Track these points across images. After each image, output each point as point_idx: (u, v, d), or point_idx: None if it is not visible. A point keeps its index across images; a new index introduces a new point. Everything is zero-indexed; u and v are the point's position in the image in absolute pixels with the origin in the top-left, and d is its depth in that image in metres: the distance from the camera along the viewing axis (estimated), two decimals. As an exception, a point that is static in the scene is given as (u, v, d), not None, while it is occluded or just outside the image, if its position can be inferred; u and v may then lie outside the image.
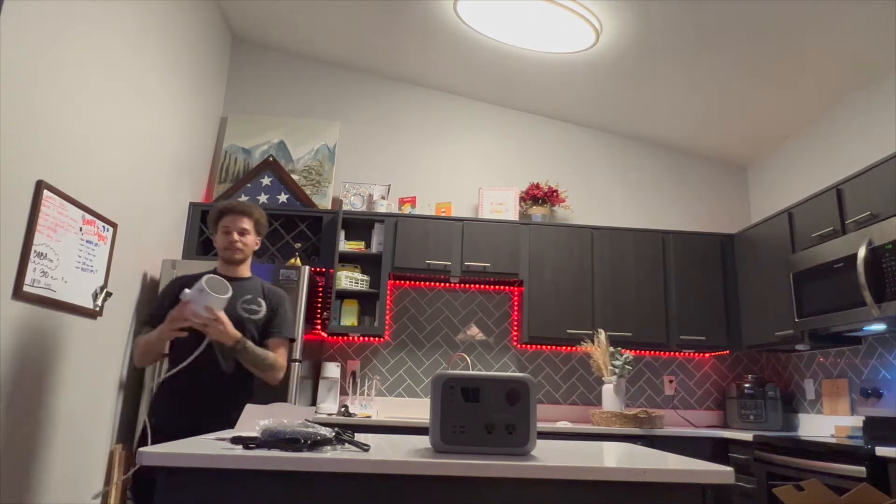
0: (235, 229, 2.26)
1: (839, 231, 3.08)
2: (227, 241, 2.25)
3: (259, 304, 2.26)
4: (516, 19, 3.55)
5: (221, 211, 2.29)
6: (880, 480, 2.35)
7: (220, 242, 2.27)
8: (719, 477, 1.31)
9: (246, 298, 2.24)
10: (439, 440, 1.44)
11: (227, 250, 2.26)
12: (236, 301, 2.17)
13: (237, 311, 2.18)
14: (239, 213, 2.28)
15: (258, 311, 2.25)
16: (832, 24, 3.09)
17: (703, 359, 4.28)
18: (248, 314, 2.22)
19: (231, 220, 2.27)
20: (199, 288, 1.97)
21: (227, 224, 2.27)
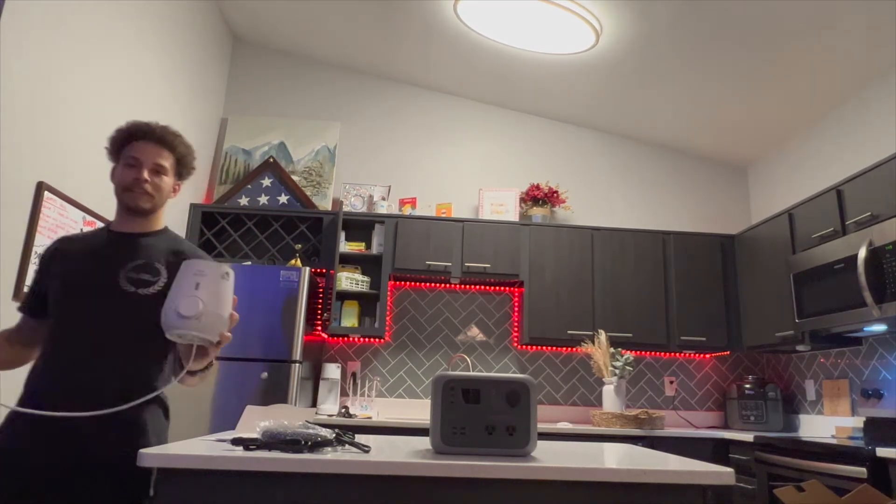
0: (147, 164, 1.56)
1: (839, 232, 3.07)
2: (132, 177, 1.54)
3: (155, 272, 1.53)
4: (516, 20, 3.55)
5: (130, 134, 1.59)
6: (881, 481, 2.35)
7: (121, 178, 1.56)
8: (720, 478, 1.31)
9: (137, 264, 1.53)
10: (440, 441, 1.44)
11: (129, 192, 1.55)
12: (119, 267, 1.51)
13: (118, 282, 1.49)
14: (156, 141, 1.60)
15: (152, 281, 1.52)
16: (832, 25, 3.09)
17: (704, 359, 4.28)
18: (133, 286, 1.49)
19: (142, 150, 1.57)
20: (213, 276, 1.27)
21: (135, 154, 1.56)
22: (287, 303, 3.33)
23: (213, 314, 1.22)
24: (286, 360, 3.27)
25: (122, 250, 1.56)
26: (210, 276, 1.23)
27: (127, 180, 1.55)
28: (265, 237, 4.03)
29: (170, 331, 1.21)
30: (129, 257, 1.55)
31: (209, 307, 1.21)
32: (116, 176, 1.59)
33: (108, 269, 1.52)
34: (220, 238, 4.04)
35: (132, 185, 1.55)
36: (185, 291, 1.21)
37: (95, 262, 1.53)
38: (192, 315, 1.18)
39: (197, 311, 1.19)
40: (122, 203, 1.58)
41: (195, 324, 1.19)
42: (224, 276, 1.26)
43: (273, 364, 3.25)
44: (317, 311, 3.78)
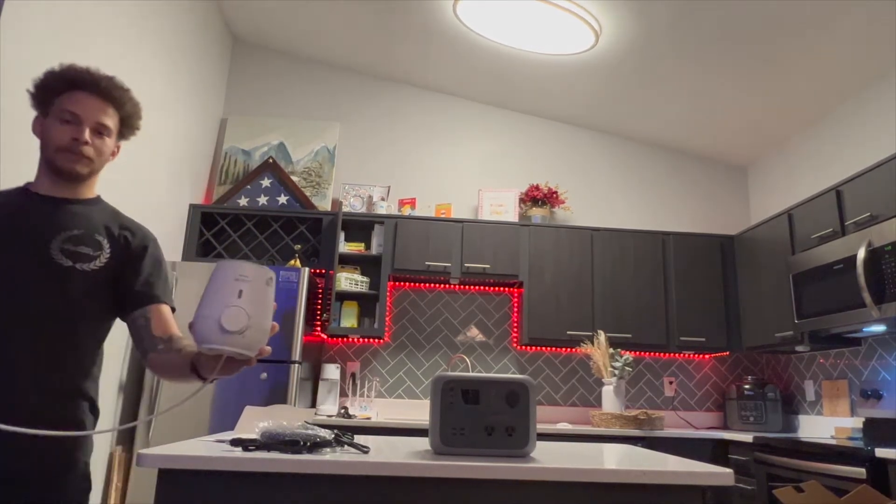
0: (89, 122, 1.32)
1: (839, 232, 3.08)
2: (69, 137, 1.31)
3: (96, 246, 1.33)
4: (516, 21, 3.55)
5: (68, 81, 1.34)
6: (880, 482, 2.35)
7: (54, 136, 1.31)
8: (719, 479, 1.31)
9: (72, 235, 1.31)
10: (439, 442, 1.44)
11: (65, 153, 1.31)
12: (51, 237, 1.29)
13: (49, 253, 1.27)
14: (100, 94, 1.35)
15: (93, 255, 1.32)
16: (832, 25, 3.09)
17: (703, 360, 4.28)
18: (69, 259, 1.28)
19: (84, 105, 1.32)
20: (259, 282, 1.06)
21: (74, 109, 1.31)
22: (286, 303, 3.33)
23: (258, 328, 1.03)
24: (285, 360, 3.27)
25: (53, 217, 1.31)
26: (254, 282, 1.04)
27: (62, 140, 1.30)
28: (264, 238, 4.03)
29: (205, 344, 1.02)
30: (62, 226, 1.31)
31: (254, 319, 1.02)
32: (46, 131, 1.32)
33: (35, 237, 1.28)
34: (220, 239, 4.04)
35: (69, 145, 1.30)
36: (226, 299, 1.01)
37: (18, 229, 1.28)
38: (236, 330, 1.00)
39: (242, 326, 1.00)
40: (53, 165, 1.32)
41: (238, 340, 1.01)
42: (269, 281, 1.08)
43: (272, 365, 3.25)
44: (316, 311, 3.78)
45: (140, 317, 1.36)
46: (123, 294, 1.37)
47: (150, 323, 1.35)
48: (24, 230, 1.28)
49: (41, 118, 1.35)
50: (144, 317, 1.36)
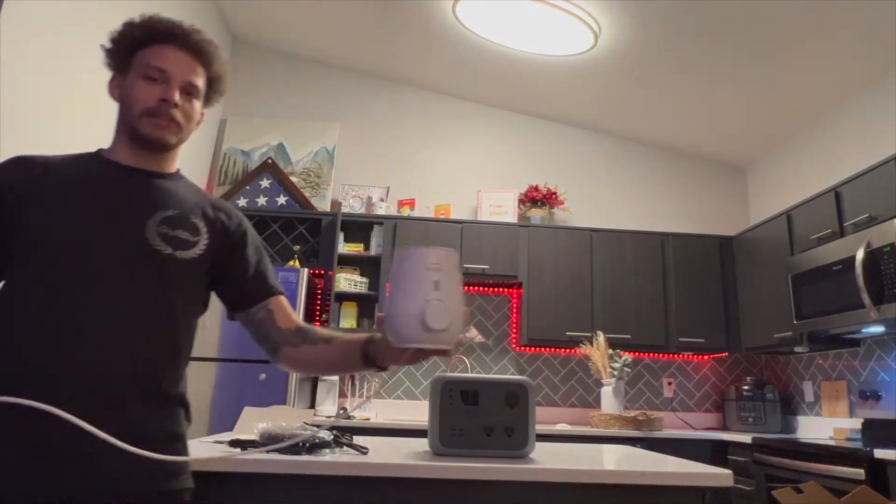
0: (178, 81, 1.12)
1: (838, 233, 3.08)
2: (157, 98, 1.10)
3: (194, 230, 1.13)
4: (515, 22, 3.55)
5: (152, 32, 1.15)
6: (879, 483, 2.35)
7: (140, 97, 1.10)
8: (718, 480, 1.31)
9: (168, 216, 1.10)
10: (438, 443, 1.44)
11: (152, 118, 1.10)
12: (146, 218, 1.08)
13: (146, 237, 1.06)
14: (189, 49, 1.16)
15: (192, 241, 1.12)
16: (831, 26, 3.10)
17: (702, 361, 4.28)
18: (170, 246, 1.08)
19: (172, 60, 1.13)
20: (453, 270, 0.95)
21: (162, 65, 1.11)
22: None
23: (457, 320, 0.93)
24: (284, 361, 3.26)
25: (145, 194, 1.11)
26: (447, 270, 0.93)
27: (148, 101, 1.10)
28: (263, 238, 4.03)
29: (408, 344, 0.92)
30: (157, 205, 1.10)
31: (455, 311, 0.92)
32: (127, 91, 1.12)
33: (129, 217, 1.07)
34: (219, 239, 4.03)
35: (157, 108, 1.10)
36: (424, 292, 0.91)
37: (109, 205, 1.07)
38: (441, 328, 0.89)
39: (447, 323, 0.90)
40: (136, 131, 1.11)
41: (443, 337, 0.91)
42: (458, 265, 0.97)
43: (271, 365, 3.24)
44: (315, 312, 3.78)
45: (261, 310, 1.21)
46: (234, 289, 1.21)
47: (273, 315, 1.21)
48: (114, 208, 1.07)
49: (119, 78, 1.15)
50: (266, 309, 1.21)
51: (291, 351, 1.19)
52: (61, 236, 1.02)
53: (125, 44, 1.16)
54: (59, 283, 1.00)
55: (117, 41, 1.17)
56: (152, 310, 1.06)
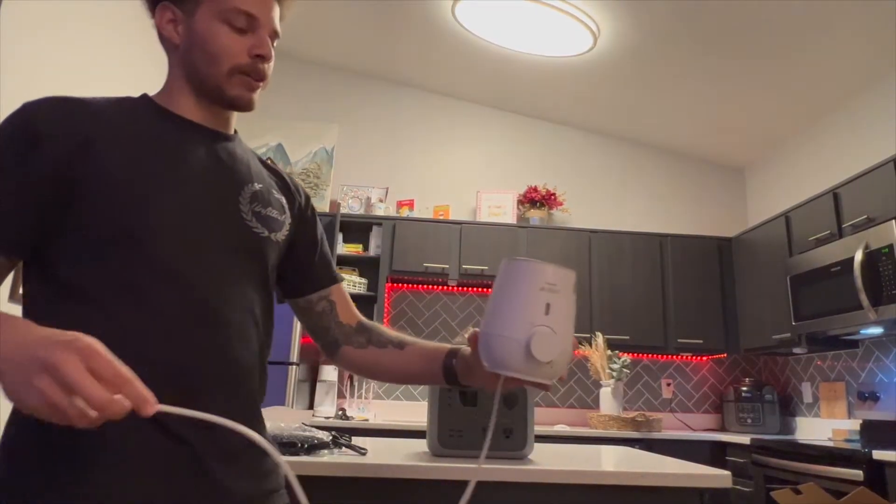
0: (268, 28, 0.94)
1: (836, 235, 3.08)
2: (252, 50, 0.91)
3: (280, 208, 0.98)
4: (514, 23, 3.56)
5: None
6: (878, 484, 2.35)
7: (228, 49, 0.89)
8: (717, 481, 1.31)
9: (255, 192, 0.93)
10: (437, 444, 1.44)
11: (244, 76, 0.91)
12: (237, 194, 0.91)
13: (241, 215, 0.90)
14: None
15: (281, 220, 0.97)
16: (830, 27, 3.10)
17: (701, 362, 4.28)
18: (267, 228, 0.93)
19: (265, 4, 0.93)
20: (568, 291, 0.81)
21: (250, 9, 0.90)
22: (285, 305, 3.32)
23: (567, 353, 0.79)
24: (283, 361, 3.26)
25: (231, 162, 0.92)
26: (564, 293, 0.80)
27: (241, 56, 0.89)
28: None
29: (501, 369, 0.78)
30: (243, 176, 0.93)
31: (564, 345, 0.78)
32: (207, 40, 0.88)
33: (220, 191, 0.89)
34: (218, 240, 4.03)
35: (252, 66, 0.91)
36: (532, 315, 0.77)
37: (199, 173, 0.87)
38: (547, 360, 0.76)
39: (555, 355, 0.76)
40: (222, 92, 0.90)
41: (546, 371, 0.78)
42: (575, 287, 0.83)
43: (270, 366, 3.24)
44: (314, 312, 3.77)
45: (322, 300, 1.05)
46: (298, 272, 1.03)
47: (335, 308, 1.05)
48: (202, 177, 0.87)
49: (177, 13, 0.91)
50: (328, 300, 1.05)
51: (355, 353, 1.04)
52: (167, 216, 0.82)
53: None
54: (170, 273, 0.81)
55: None
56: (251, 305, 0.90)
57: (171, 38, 0.92)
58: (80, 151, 0.78)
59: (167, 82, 0.94)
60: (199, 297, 0.83)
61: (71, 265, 0.79)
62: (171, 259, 0.80)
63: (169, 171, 0.84)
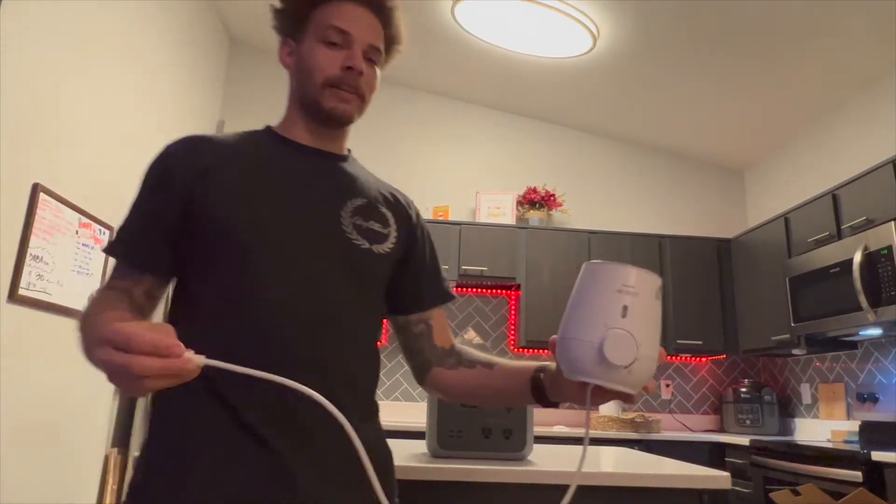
0: (362, 44, 0.96)
1: (835, 236, 3.08)
2: (342, 64, 0.94)
3: (384, 221, 1.01)
4: (513, 24, 3.56)
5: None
6: (876, 485, 2.35)
7: (320, 64, 0.95)
8: (716, 482, 1.31)
9: (358, 206, 0.98)
10: (436, 444, 1.44)
11: (335, 89, 0.95)
12: (339, 207, 0.95)
13: (342, 228, 0.93)
14: (372, 6, 1.00)
15: (383, 234, 0.99)
16: (829, 29, 3.11)
17: (700, 363, 4.28)
18: (368, 240, 0.95)
19: (355, 20, 0.97)
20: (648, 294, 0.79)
21: (344, 26, 0.95)
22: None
23: (647, 360, 0.75)
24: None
25: (333, 180, 0.98)
26: (644, 296, 0.77)
27: (331, 69, 0.93)
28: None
29: (577, 374, 0.77)
30: (347, 192, 0.97)
31: (643, 349, 0.74)
32: (305, 58, 0.96)
33: (322, 206, 0.93)
34: (217, 240, 4.03)
35: (341, 77, 0.94)
36: (607, 318, 0.75)
37: (302, 192, 0.93)
38: (622, 364, 0.73)
39: (630, 359, 0.73)
40: (318, 106, 0.95)
41: (623, 376, 0.74)
42: (658, 292, 0.80)
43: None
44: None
45: (421, 322, 1.06)
46: (402, 289, 1.03)
47: (432, 330, 1.06)
48: (304, 195, 0.93)
49: (291, 44, 1.00)
50: (426, 322, 1.06)
51: (445, 374, 1.03)
52: (267, 233, 0.88)
53: (299, 2, 0.99)
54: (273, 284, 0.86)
55: (290, 3, 1.00)
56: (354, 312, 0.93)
57: (288, 68, 1.02)
58: (199, 180, 0.89)
59: (285, 111, 1.04)
60: (291, 306, 0.86)
61: (196, 283, 0.89)
62: (268, 272, 0.86)
63: (272, 191, 0.91)
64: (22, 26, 2.20)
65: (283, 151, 0.97)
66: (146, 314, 0.91)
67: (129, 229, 0.92)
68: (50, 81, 2.40)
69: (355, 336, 0.92)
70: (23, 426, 2.36)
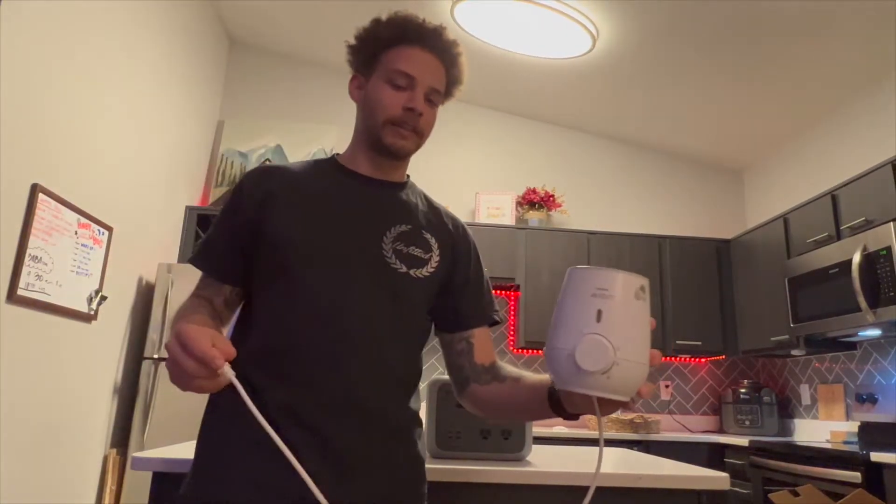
0: (424, 86, 1.07)
1: (834, 237, 3.09)
2: (403, 105, 1.04)
3: (427, 246, 1.07)
4: (513, 25, 3.56)
5: (400, 32, 1.09)
6: (875, 486, 2.35)
7: (385, 104, 1.04)
8: (715, 483, 1.31)
9: (402, 232, 1.05)
10: (435, 445, 1.44)
11: (395, 126, 1.04)
12: (382, 230, 1.03)
13: (382, 252, 1.01)
14: (437, 51, 1.10)
15: (424, 259, 1.05)
16: (828, 30, 3.11)
17: (699, 364, 4.28)
18: (406, 264, 1.03)
19: (419, 65, 1.07)
20: (625, 295, 0.78)
21: (409, 70, 1.05)
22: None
23: (628, 364, 0.74)
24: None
25: (381, 207, 1.06)
26: (619, 298, 0.76)
27: (394, 109, 1.03)
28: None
29: (562, 386, 0.79)
30: (392, 218, 1.05)
31: (623, 353, 0.73)
32: (371, 97, 1.05)
33: (367, 232, 1.02)
34: (216, 241, 4.02)
35: (402, 118, 1.04)
36: (580, 324, 0.75)
37: (350, 218, 1.02)
38: (597, 370, 0.73)
39: (605, 364, 0.73)
40: (379, 141, 1.05)
41: (601, 381, 0.74)
42: (639, 292, 0.78)
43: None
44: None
45: (462, 340, 1.10)
46: (447, 309, 1.10)
47: (473, 348, 1.09)
48: (352, 221, 1.02)
49: (361, 79, 1.09)
50: (468, 341, 1.10)
51: (480, 389, 1.07)
52: (315, 253, 0.98)
53: (370, 43, 1.10)
54: (314, 299, 0.97)
55: (364, 39, 1.11)
56: (388, 331, 1.00)
57: (356, 101, 1.10)
58: (265, 204, 1.00)
59: (351, 141, 1.12)
60: (334, 324, 0.96)
61: (256, 297, 1.00)
62: (313, 291, 0.96)
63: (327, 218, 1.01)
64: (21, 26, 2.20)
65: (344, 181, 1.07)
66: (224, 320, 1.03)
67: (210, 245, 1.05)
68: (49, 82, 2.40)
69: (383, 358, 1.00)
70: (22, 427, 2.36)
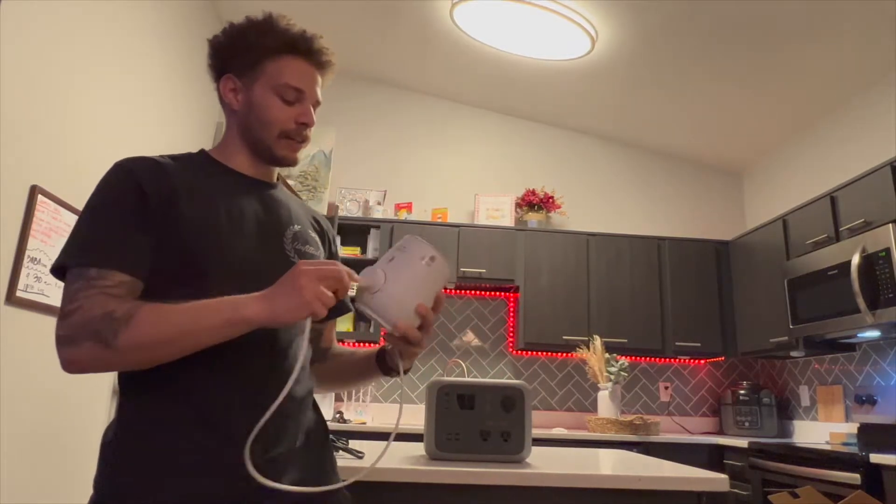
0: (312, 100, 1.10)
1: (833, 238, 3.09)
2: (297, 119, 1.07)
3: (315, 244, 1.14)
4: (512, 26, 3.56)
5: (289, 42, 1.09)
6: (875, 487, 2.35)
7: (278, 118, 1.06)
8: (714, 484, 1.31)
9: (296, 232, 1.10)
10: (434, 447, 1.44)
11: (289, 140, 1.07)
12: (282, 233, 1.08)
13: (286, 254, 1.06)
14: (319, 64, 1.13)
15: (317, 255, 1.13)
16: (827, 31, 3.11)
17: (699, 365, 4.28)
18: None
19: (307, 79, 1.09)
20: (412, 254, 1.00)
21: (299, 85, 1.07)
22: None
23: (392, 295, 0.95)
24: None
25: (276, 208, 1.09)
26: (409, 254, 0.99)
27: (288, 123, 1.05)
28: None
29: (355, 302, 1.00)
30: (286, 219, 1.09)
31: (390, 286, 0.95)
32: (260, 108, 1.05)
33: (271, 233, 1.05)
34: (215, 242, 4.03)
35: (296, 131, 1.07)
36: (381, 263, 0.99)
37: (254, 222, 1.04)
38: (365, 287, 0.94)
39: (372, 283, 0.94)
40: (271, 152, 1.07)
41: (368, 298, 0.95)
42: (426, 260, 0.99)
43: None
44: (312, 315, 3.77)
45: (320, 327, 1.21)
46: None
47: (322, 335, 1.22)
48: (256, 224, 1.04)
49: (237, 83, 1.07)
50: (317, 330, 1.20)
51: (320, 367, 1.21)
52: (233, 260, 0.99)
53: (252, 49, 1.07)
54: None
55: (238, 41, 1.08)
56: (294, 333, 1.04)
57: (231, 104, 1.09)
58: (169, 203, 0.96)
59: (224, 139, 1.12)
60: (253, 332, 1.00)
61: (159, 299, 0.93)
62: (228, 292, 0.93)
63: (229, 218, 1.01)
64: (21, 27, 2.20)
65: (232, 182, 1.07)
66: None
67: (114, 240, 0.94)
68: (48, 82, 2.40)
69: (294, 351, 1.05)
70: (21, 428, 2.35)
